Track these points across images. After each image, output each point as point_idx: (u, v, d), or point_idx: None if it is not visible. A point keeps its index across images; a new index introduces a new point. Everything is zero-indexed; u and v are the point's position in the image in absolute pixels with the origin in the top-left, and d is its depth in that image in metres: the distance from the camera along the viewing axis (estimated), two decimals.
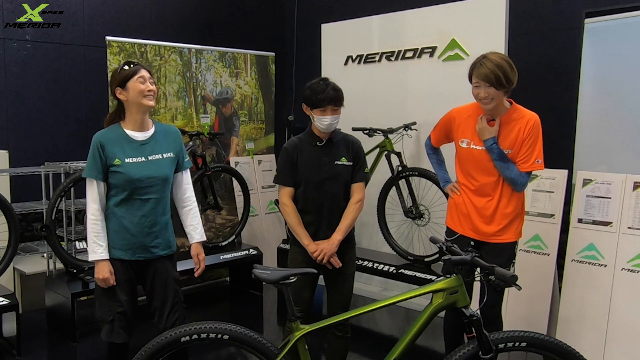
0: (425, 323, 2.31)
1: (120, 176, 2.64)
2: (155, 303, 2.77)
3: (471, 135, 2.90)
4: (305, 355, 2.31)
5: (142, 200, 2.68)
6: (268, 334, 4.37)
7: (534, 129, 2.80)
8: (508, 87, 2.76)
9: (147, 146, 2.72)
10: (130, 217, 2.67)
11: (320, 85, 2.81)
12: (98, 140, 2.65)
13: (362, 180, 2.95)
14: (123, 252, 2.68)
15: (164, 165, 2.74)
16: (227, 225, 5.42)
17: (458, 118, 2.98)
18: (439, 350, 3.80)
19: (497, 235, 2.91)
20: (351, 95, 5.21)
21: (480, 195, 2.91)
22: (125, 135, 2.69)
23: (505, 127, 2.83)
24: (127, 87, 2.65)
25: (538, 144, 2.82)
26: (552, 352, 2.25)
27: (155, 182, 2.70)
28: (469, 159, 2.93)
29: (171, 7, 5.83)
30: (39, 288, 4.44)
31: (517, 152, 2.81)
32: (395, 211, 4.71)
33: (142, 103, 2.66)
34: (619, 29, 4.00)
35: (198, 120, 5.12)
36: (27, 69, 4.95)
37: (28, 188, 4.67)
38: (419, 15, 4.74)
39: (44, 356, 4.01)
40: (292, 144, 2.91)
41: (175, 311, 2.78)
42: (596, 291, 3.52)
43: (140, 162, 2.68)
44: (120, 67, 2.71)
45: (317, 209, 2.88)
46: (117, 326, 2.69)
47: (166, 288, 2.77)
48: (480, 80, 2.74)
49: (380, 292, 5.05)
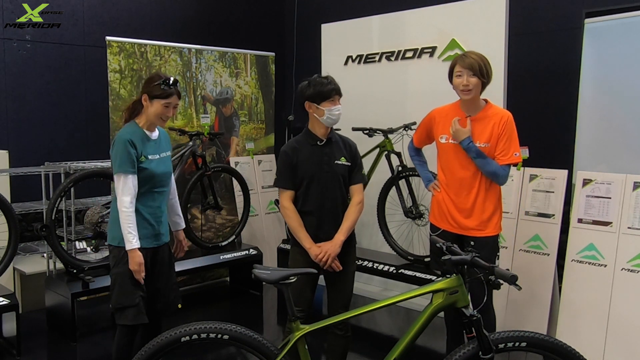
0: (425, 323, 2.30)
1: (145, 172, 2.88)
2: (158, 284, 3.02)
3: (449, 131, 3.08)
4: (305, 355, 2.31)
5: (156, 193, 2.96)
6: (268, 334, 4.37)
7: (508, 124, 2.98)
8: (486, 80, 2.98)
9: (158, 145, 3.00)
10: (148, 208, 2.92)
11: (320, 79, 2.90)
12: (128, 138, 2.84)
13: (361, 182, 3.01)
14: (145, 240, 2.90)
15: (170, 162, 3.09)
16: (227, 225, 5.42)
17: (438, 116, 3.17)
18: (439, 350, 3.80)
19: (478, 230, 3.04)
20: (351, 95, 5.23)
21: (459, 190, 3.07)
22: (145, 134, 2.94)
23: (481, 123, 3.02)
24: (153, 102, 2.88)
25: (514, 138, 3.00)
26: (552, 352, 2.25)
27: (168, 176, 3.04)
28: (448, 153, 3.09)
29: (171, 7, 5.83)
30: (39, 288, 4.44)
31: (494, 146, 2.98)
32: (395, 211, 4.71)
33: (152, 121, 2.94)
34: (619, 29, 4.00)
35: (198, 120, 5.12)
36: (27, 69, 4.95)
37: (28, 188, 4.67)
38: (419, 15, 4.74)
39: (44, 356, 4.01)
40: (291, 146, 2.94)
41: (175, 289, 3.11)
42: (596, 291, 3.52)
43: (157, 158, 2.96)
44: (162, 78, 2.87)
45: (318, 208, 2.89)
46: (142, 307, 2.88)
47: (170, 270, 3.09)
48: (464, 69, 2.95)
49: (380, 292, 5.05)
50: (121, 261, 2.87)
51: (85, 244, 4.63)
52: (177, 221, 3.26)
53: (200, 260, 4.79)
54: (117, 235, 2.88)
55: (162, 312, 3.07)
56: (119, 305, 2.89)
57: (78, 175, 3.93)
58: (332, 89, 2.87)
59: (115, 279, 2.91)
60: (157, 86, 2.86)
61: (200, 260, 4.79)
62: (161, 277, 3.04)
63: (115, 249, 2.91)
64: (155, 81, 2.87)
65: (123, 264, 2.86)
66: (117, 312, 2.90)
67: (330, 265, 2.85)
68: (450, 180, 3.11)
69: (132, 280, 2.86)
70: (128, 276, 2.86)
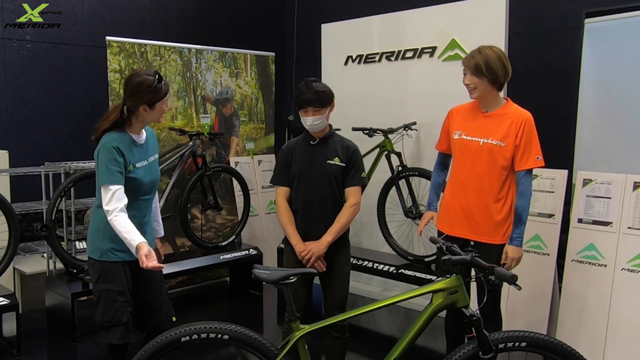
0: (425, 323, 2.31)
1: (133, 182, 2.64)
2: (148, 298, 2.79)
3: (464, 127, 2.98)
4: (305, 355, 2.31)
5: (141, 201, 2.72)
6: (268, 334, 4.37)
7: (527, 125, 2.85)
8: (489, 76, 2.83)
9: (145, 149, 2.74)
10: (133, 218, 2.62)
11: (302, 86, 2.86)
12: (116, 146, 2.57)
13: (358, 185, 2.96)
14: (126, 253, 2.64)
15: (157, 166, 2.82)
16: (227, 225, 5.42)
17: (456, 113, 3.08)
18: (439, 350, 3.80)
19: (486, 236, 2.93)
20: (351, 95, 5.27)
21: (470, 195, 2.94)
22: (132, 140, 2.67)
23: (497, 119, 2.91)
24: (155, 107, 2.62)
25: (535, 142, 2.86)
26: (552, 352, 2.25)
27: (155, 182, 2.79)
28: (460, 149, 2.98)
29: (171, 7, 5.83)
30: (39, 288, 4.44)
31: (510, 148, 2.84)
32: (395, 211, 4.71)
33: (149, 123, 2.72)
34: (619, 29, 4.00)
35: (198, 120, 5.11)
36: (27, 69, 4.95)
37: (28, 188, 4.67)
38: (419, 15, 4.74)
39: (44, 356, 4.01)
40: (289, 145, 2.99)
41: (166, 302, 2.86)
42: (596, 291, 3.52)
43: (144, 165, 2.71)
44: (151, 79, 2.57)
45: (308, 207, 2.90)
46: (130, 326, 2.70)
47: (160, 283, 2.85)
48: (466, 68, 2.92)
49: (380, 292, 5.05)
50: (106, 276, 2.66)
51: (85, 244, 4.62)
52: (155, 228, 2.98)
53: (200, 260, 4.79)
54: (99, 248, 2.66)
55: (158, 328, 2.74)
56: (105, 323, 2.68)
57: (78, 175, 3.93)
58: (303, 100, 2.81)
59: (99, 295, 2.67)
60: (155, 89, 2.58)
61: (200, 260, 4.79)
62: (151, 290, 2.80)
63: (96, 262, 2.68)
64: (147, 86, 2.56)
65: (108, 279, 2.65)
66: (102, 330, 2.70)
67: (313, 264, 2.84)
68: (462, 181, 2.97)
69: (119, 296, 2.65)
70: (115, 292, 2.65)
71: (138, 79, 2.58)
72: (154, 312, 2.82)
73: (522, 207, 2.86)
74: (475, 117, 2.96)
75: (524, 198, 2.86)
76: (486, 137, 2.88)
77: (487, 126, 2.90)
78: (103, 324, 2.69)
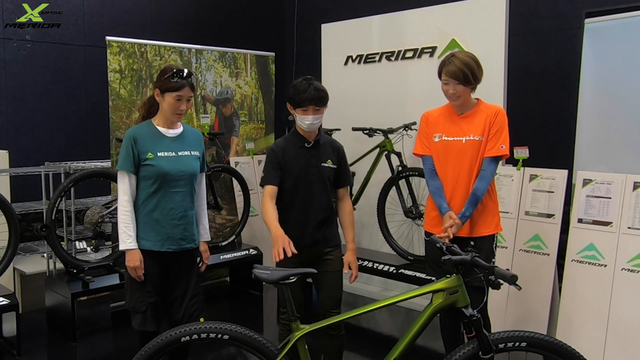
0: (425, 323, 2.30)
1: (151, 169, 2.75)
2: (176, 293, 2.86)
3: (442, 129, 3.05)
4: (305, 355, 2.31)
5: (172, 193, 2.79)
6: (268, 334, 4.37)
7: (499, 117, 2.96)
8: (475, 83, 2.95)
9: (177, 142, 2.85)
10: (160, 209, 2.77)
11: (303, 84, 2.81)
12: (132, 135, 2.76)
13: (349, 184, 3.04)
14: (152, 242, 2.77)
15: (192, 161, 2.88)
16: (227, 225, 5.42)
17: (430, 117, 3.15)
18: (439, 350, 3.80)
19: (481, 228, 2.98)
20: (351, 95, 5.27)
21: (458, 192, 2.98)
22: (157, 131, 2.82)
23: (473, 118, 3.00)
24: (164, 96, 2.76)
25: (504, 132, 2.97)
26: (552, 352, 2.25)
27: (185, 176, 2.83)
28: (443, 151, 3.04)
29: (171, 7, 5.84)
30: (39, 288, 4.44)
31: (486, 140, 2.96)
32: (395, 211, 4.71)
33: (168, 117, 2.81)
34: (619, 29, 4.00)
35: (198, 120, 5.11)
36: (27, 69, 4.95)
37: (28, 188, 4.67)
38: (419, 15, 4.74)
39: (44, 356, 4.01)
40: (278, 144, 2.92)
41: (195, 302, 2.90)
42: (596, 291, 3.52)
43: (171, 156, 2.79)
44: (172, 70, 2.74)
45: (304, 210, 2.88)
46: (150, 315, 2.78)
47: (189, 279, 2.89)
48: (449, 78, 2.92)
49: (380, 292, 5.05)
50: None
51: (85, 244, 4.63)
52: (200, 231, 3.01)
53: None
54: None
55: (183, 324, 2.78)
56: (130, 307, 2.84)
57: (78, 175, 3.93)
58: (305, 98, 2.76)
59: (126, 280, 2.87)
60: (167, 79, 2.72)
61: None
62: (179, 285, 2.86)
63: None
64: (167, 73, 2.73)
65: None
66: (131, 314, 2.85)
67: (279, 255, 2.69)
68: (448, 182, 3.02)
69: (140, 284, 2.77)
70: (132, 279, 2.79)
71: (166, 66, 2.86)
72: (180, 307, 2.87)
73: (478, 188, 2.93)
74: (452, 120, 3.04)
75: (484, 181, 2.94)
76: (467, 135, 2.98)
77: (465, 126, 2.99)
78: (129, 307, 2.84)
